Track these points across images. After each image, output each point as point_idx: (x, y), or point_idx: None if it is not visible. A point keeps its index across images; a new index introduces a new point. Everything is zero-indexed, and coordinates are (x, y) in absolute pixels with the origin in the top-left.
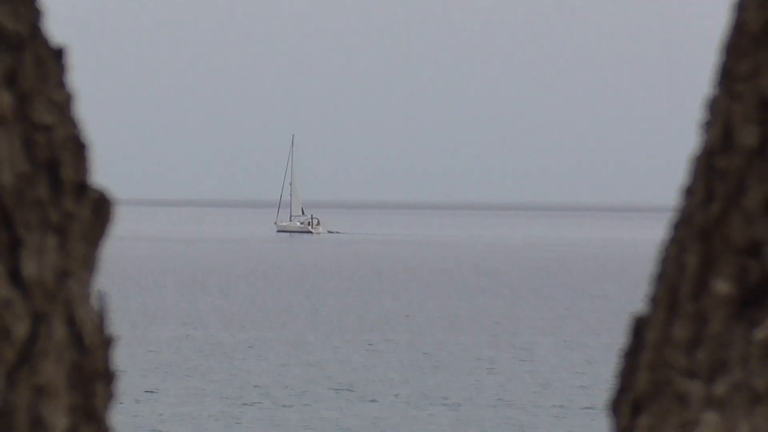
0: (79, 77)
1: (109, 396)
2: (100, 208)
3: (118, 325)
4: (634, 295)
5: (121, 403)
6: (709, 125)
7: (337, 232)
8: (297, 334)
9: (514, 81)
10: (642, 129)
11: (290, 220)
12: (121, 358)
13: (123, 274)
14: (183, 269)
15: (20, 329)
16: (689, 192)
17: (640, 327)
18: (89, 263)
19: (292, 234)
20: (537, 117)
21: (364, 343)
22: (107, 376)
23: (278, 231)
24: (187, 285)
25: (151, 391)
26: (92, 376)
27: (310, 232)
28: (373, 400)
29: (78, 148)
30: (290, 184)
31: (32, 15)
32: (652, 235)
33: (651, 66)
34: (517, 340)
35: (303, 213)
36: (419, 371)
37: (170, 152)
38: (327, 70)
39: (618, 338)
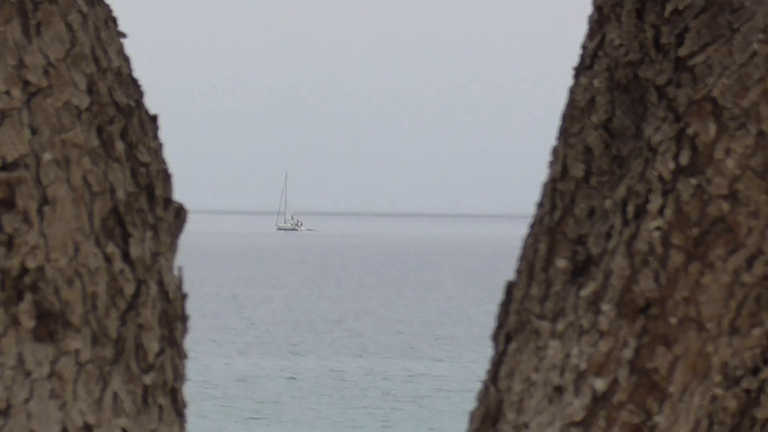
0: None
1: (184, 330)
2: (179, 214)
3: (187, 286)
4: (504, 271)
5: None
6: (553, 163)
7: (313, 230)
8: (289, 290)
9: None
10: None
11: (284, 223)
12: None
13: (187, 255)
14: (219, 251)
15: (129, 288)
16: (541, 204)
17: (510, 287)
18: (172, 248)
19: (286, 231)
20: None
21: (328, 295)
22: (183, 318)
23: (277, 229)
24: (222, 261)
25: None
26: (174, 318)
27: (296, 229)
28: (322, 333)
29: (166, 178)
30: (285, 201)
31: (137, 93)
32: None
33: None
34: (430, 295)
35: (292, 218)
36: (358, 315)
37: (190, 170)
38: (315, 110)
39: (491, 297)
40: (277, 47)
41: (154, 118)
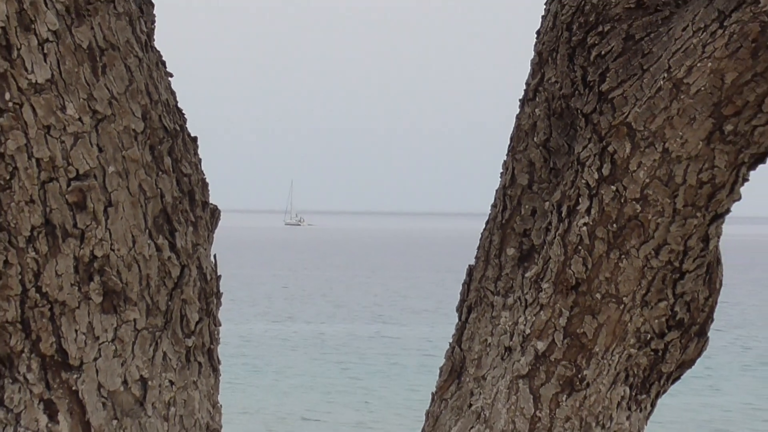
0: None
1: (218, 304)
2: (214, 214)
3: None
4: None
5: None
6: (504, 173)
7: (312, 225)
8: (293, 268)
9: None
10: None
11: (291, 219)
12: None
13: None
14: (240, 240)
15: (175, 271)
16: (494, 205)
17: (471, 270)
18: (209, 240)
19: (291, 225)
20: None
21: (323, 273)
22: (217, 295)
23: (285, 224)
24: (242, 248)
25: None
26: (210, 294)
27: (299, 224)
28: (313, 305)
29: (204, 185)
30: (291, 203)
31: (181, 119)
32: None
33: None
34: (402, 275)
35: (296, 215)
36: (343, 290)
37: (210, 171)
38: (322, 122)
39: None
40: (282, 64)
41: (194, 139)
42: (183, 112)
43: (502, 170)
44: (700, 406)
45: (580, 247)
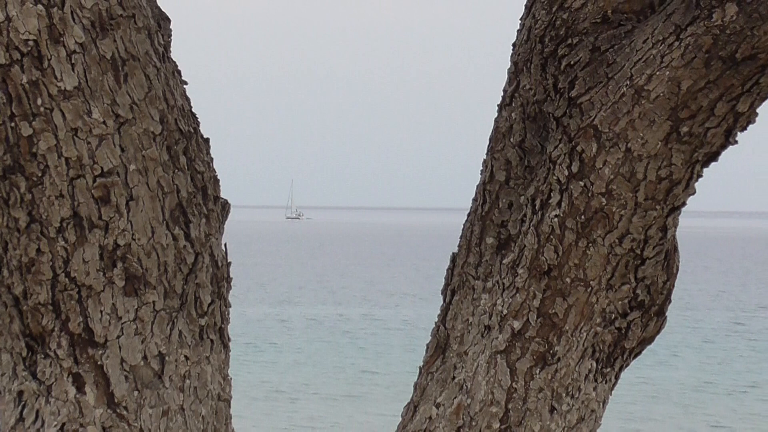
0: None
1: (228, 288)
2: (224, 207)
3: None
4: (448, 248)
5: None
6: (483, 170)
7: (310, 218)
8: (292, 258)
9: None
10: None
11: (291, 214)
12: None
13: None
14: (245, 233)
15: (189, 259)
16: (475, 199)
17: (454, 257)
18: (220, 231)
19: (291, 219)
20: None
21: (318, 261)
22: (227, 279)
23: (286, 218)
24: (247, 240)
25: None
26: (221, 279)
27: (299, 218)
28: (308, 290)
29: (215, 181)
30: (291, 199)
31: (195, 123)
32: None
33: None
34: (388, 262)
35: (296, 210)
36: (335, 276)
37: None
38: (321, 121)
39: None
40: (285, 69)
41: (206, 140)
42: (196, 116)
43: (482, 168)
44: (651, 380)
45: (551, 237)
